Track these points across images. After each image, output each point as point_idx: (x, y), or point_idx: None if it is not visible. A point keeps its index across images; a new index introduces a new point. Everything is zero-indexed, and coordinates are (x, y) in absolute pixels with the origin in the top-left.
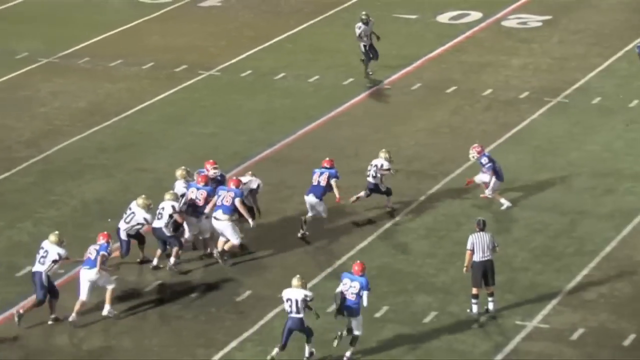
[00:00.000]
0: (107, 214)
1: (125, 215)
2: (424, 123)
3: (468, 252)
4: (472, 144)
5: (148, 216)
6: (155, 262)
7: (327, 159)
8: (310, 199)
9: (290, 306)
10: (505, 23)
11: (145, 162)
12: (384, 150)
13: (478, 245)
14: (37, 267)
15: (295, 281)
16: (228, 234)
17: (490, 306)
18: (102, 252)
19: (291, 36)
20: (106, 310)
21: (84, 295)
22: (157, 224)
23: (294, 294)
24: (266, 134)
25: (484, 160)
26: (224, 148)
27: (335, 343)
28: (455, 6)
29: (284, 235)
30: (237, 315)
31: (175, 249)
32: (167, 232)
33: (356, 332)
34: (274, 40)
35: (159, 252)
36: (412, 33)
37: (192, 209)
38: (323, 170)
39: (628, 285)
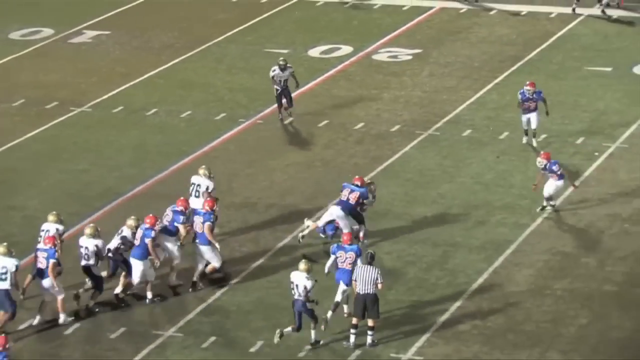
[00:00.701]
0: None
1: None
2: (296, 157)
3: (354, 282)
4: (344, 177)
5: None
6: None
7: (357, 177)
8: (337, 211)
9: (294, 290)
10: (375, 57)
11: (16, 199)
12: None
13: (361, 278)
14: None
15: (301, 265)
16: (208, 257)
17: (368, 340)
18: (52, 260)
19: (162, 72)
20: (62, 319)
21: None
22: (85, 263)
23: (299, 279)
24: (139, 170)
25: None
26: (96, 185)
27: (323, 327)
28: (326, 40)
29: (157, 271)
30: (112, 352)
31: (96, 292)
32: (96, 272)
33: (341, 299)
34: (145, 76)
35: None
36: None
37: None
38: (354, 188)
39: (500, 316)
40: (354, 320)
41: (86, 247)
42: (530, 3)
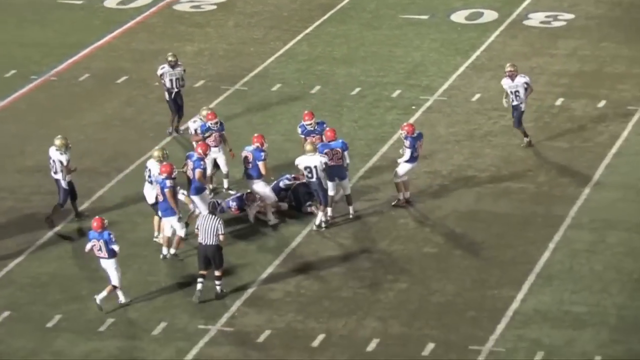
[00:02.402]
0: None
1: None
2: (93, 116)
3: (196, 232)
4: (145, 136)
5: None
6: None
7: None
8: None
9: (310, 172)
10: (177, 7)
11: None
12: None
13: (202, 227)
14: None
15: (308, 146)
16: (261, 192)
17: (217, 289)
18: None
19: None
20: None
21: None
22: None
23: (311, 160)
24: None
25: None
26: None
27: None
28: None
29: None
30: None
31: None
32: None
33: (347, 192)
34: None
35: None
36: (78, 19)
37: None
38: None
39: (315, 282)
40: (200, 271)
41: (53, 160)
42: None
